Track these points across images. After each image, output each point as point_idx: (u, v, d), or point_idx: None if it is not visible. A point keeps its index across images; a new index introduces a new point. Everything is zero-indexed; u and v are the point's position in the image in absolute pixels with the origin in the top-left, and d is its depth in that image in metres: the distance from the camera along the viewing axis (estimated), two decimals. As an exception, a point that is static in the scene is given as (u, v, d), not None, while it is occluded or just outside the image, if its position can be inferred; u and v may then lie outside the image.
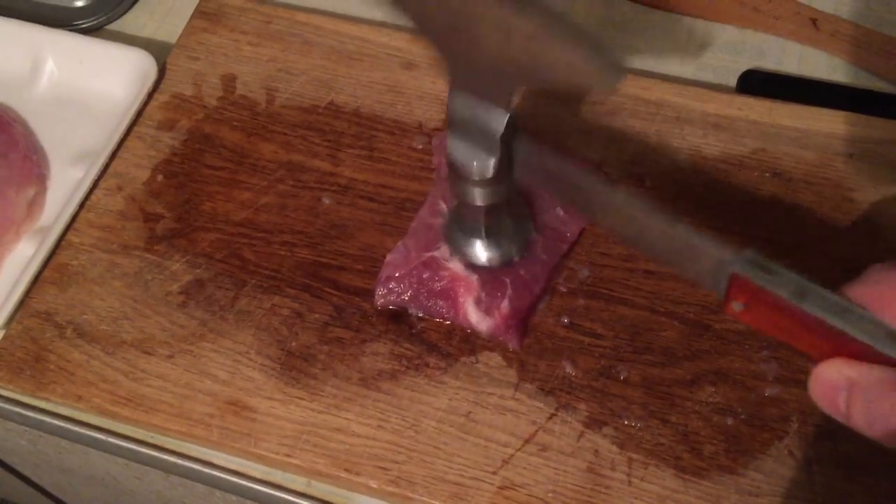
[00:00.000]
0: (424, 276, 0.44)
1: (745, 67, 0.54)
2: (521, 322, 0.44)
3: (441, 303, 0.44)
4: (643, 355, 0.43)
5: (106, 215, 0.49)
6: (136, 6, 0.60)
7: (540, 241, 0.45)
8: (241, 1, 0.57)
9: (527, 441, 0.41)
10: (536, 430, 0.41)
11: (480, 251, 0.44)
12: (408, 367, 0.43)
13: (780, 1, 0.57)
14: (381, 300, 0.45)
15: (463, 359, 0.43)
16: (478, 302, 0.43)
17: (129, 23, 0.60)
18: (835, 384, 0.30)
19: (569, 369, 0.43)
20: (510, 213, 0.43)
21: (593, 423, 0.41)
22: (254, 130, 0.51)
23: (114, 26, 0.60)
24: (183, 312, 0.45)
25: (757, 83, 0.54)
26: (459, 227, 0.44)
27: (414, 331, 0.44)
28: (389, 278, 0.45)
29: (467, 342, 0.44)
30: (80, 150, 0.53)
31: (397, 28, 0.56)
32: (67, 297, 0.46)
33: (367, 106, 0.52)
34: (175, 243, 0.48)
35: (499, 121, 0.36)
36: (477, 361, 0.43)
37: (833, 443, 0.40)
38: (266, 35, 0.55)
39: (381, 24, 0.57)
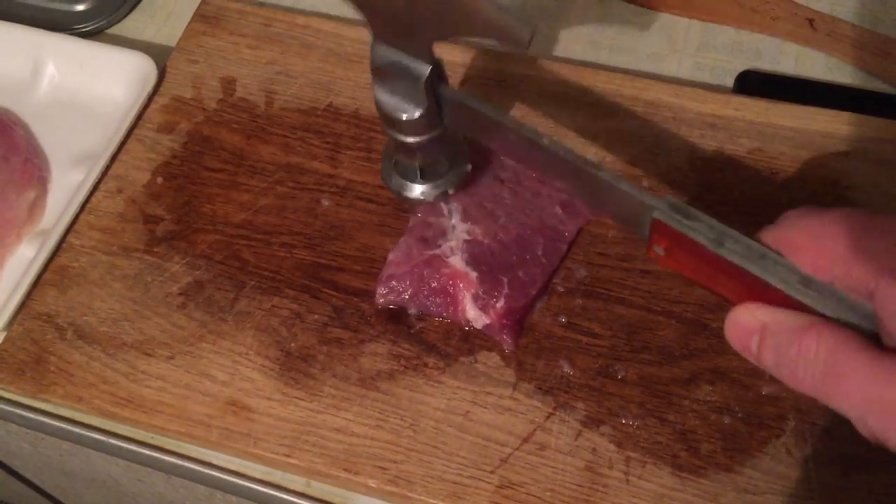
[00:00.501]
0: (425, 273, 0.44)
1: (742, 68, 0.55)
2: (517, 323, 0.44)
3: (440, 300, 0.44)
4: (640, 354, 0.43)
5: (106, 218, 0.49)
6: (136, 10, 0.61)
7: (540, 242, 0.46)
8: (240, 4, 0.57)
9: (525, 440, 0.41)
10: (534, 430, 0.41)
11: (416, 188, 0.44)
12: (406, 368, 0.43)
13: (777, 2, 0.57)
14: (382, 299, 0.45)
15: (461, 359, 0.44)
16: (475, 298, 0.44)
17: (129, 26, 0.60)
18: (748, 327, 0.31)
19: (567, 369, 0.43)
20: (444, 151, 0.43)
21: (591, 422, 0.41)
22: (253, 133, 0.52)
23: (114, 30, 0.60)
24: (183, 314, 0.46)
25: (754, 83, 0.54)
26: (395, 165, 0.44)
27: (412, 331, 0.44)
28: (391, 277, 0.45)
29: (466, 342, 0.44)
30: (81, 153, 0.53)
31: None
32: (68, 298, 0.47)
33: (365, 108, 0.52)
34: (175, 245, 0.48)
35: (422, 70, 0.37)
36: (475, 361, 0.43)
37: (830, 440, 0.40)
38: (265, 38, 0.55)
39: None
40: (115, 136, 0.51)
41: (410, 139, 0.40)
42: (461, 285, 0.44)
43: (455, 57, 0.53)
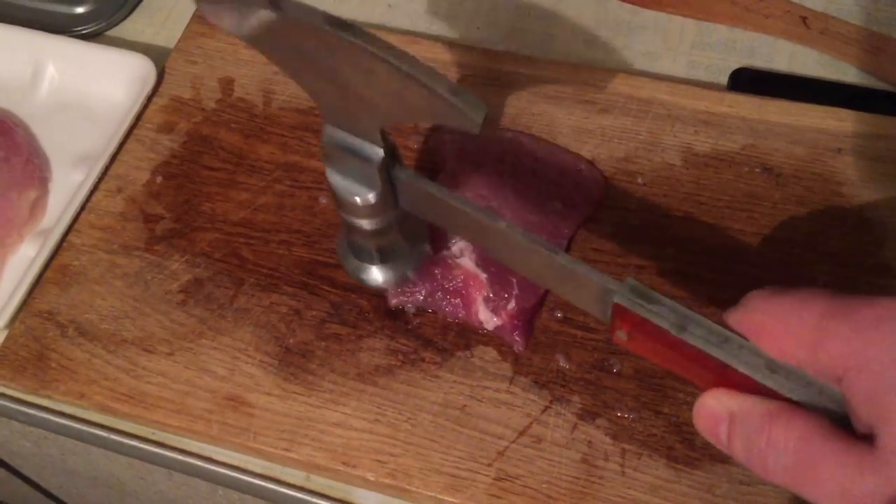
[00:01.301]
0: (437, 274, 0.45)
1: (735, 66, 0.55)
2: (528, 323, 0.44)
3: (455, 301, 0.44)
4: (636, 348, 0.43)
5: (106, 216, 0.50)
6: (136, 12, 0.61)
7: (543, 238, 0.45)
8: (238, 5, 0.58)
9: (521, 433, 0.42)
10: (531, 423, 0.42)
11: (375, 273, 0.44)
12: (404, 362, 0.44)
13: (771, 0, 0.57)
14: (396, 300, 0.45)
15: (458, 353, 0.44)
16: (486, 300, 0.44)
17: (129, 28, 0.61)
18: (716, 415, 0.31)
19: (562, 363, 0.43)
20: (403, 233, 0.42)
21: (587, 415, 0.42)
22: (251, 132, 0.52)
23: (113, 32, 0.61)
24: (183, 311, 0.46)
25: (747, 81, 0.54)
26: (352, 250, 0.44)
27: (410, 326, 0.45)
28: (403, 278, 0.45)
29: (462, 337, 0.44)
30: (81, 154, 0.54)
31: (392, 31, 0.57)
32: (69, 296, 0.47)
33: (362, 107, 0.53)
34: (174, 243, 0.48)
35: (374, 154, 0.36)
36: (472, 356, 0.44)
37: (823, 432, 0.40)
38: (263, 38, 0.56)
39: (378, 27, 0.58)
40: (115, 137, 0.52)
41: (366, 223, 0.39)
42: (473, 287, 0.44)
43: (448, 56, 0.54)
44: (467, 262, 0.45)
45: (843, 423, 0.28)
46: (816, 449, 0.28)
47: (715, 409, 0.31)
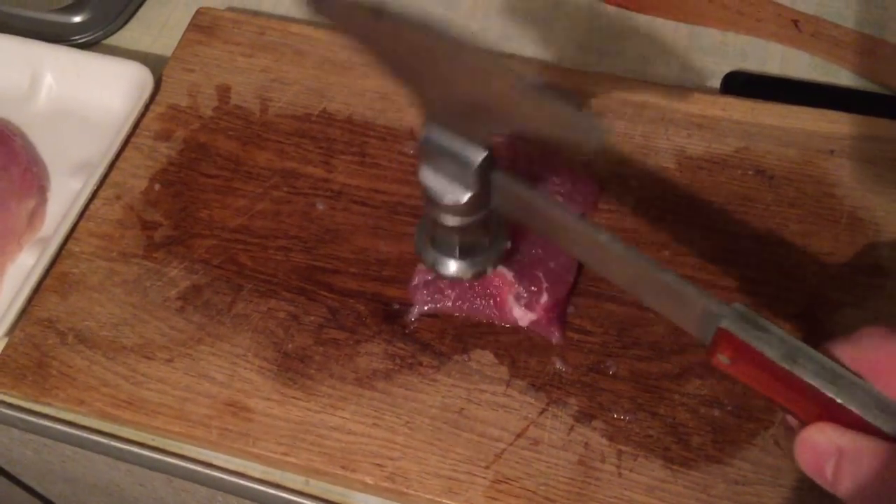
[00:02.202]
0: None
1: (728, 69, 0.56)
2: (562, 314, 0.45)
3: (486, 302, 0.45)
4: (631, 350, 0.44)
5: (105, 224, 0.50)
6: (133, 21, 0.62)
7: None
8: (234, 14, 0.58)
9: (518, 436, 0.42)
10: (528, 425, 0.42)
11: (453, 266, 0.43)
12: (401, 366, 0.44)
13: (762, 3, 0.58)
14: (425, 305, 0.45)
15: (455, 357, 0.44)
16: (518, 297, 0.44)
17: (126, 37, 0.61)
18: (823, 450, 0.29)
19: (559, 365, 0.44)
20: (485, 229, 0.42)
21: (583, 417, 0.42)
22: (248, 139, 0.53)
23: (111, 41, 0.61)
24: (181, 317, 0.46)
25: (740, 84, 0.55)
26: (432, 241, 0.43)
27: (407, 331, 0.45)
28: (428, 283, 0.45)
29: (459, 341, 0.45)
30: (79, 162, 0.54)
31: (387, 37, 0.57)
32: (68, 304, 0.47)
33: (359, 113, 0.53)
34: (173, 250, 0.49)
35: (475, 156, 0.35)
36: (469, 359, 0.44)
37: (818, 431, 0.41)
38: (259, 46, 0.56)
39: (372, 34, 0.58)
40: (113, 145, 0.52)
41: (453, 221, 0.38)
42: (502, 286, 0.44)
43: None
44: None
45: None
46: None
47: (822, 444, 0.30)
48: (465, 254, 0.42)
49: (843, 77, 0.55)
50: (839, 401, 0.29)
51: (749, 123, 0.50)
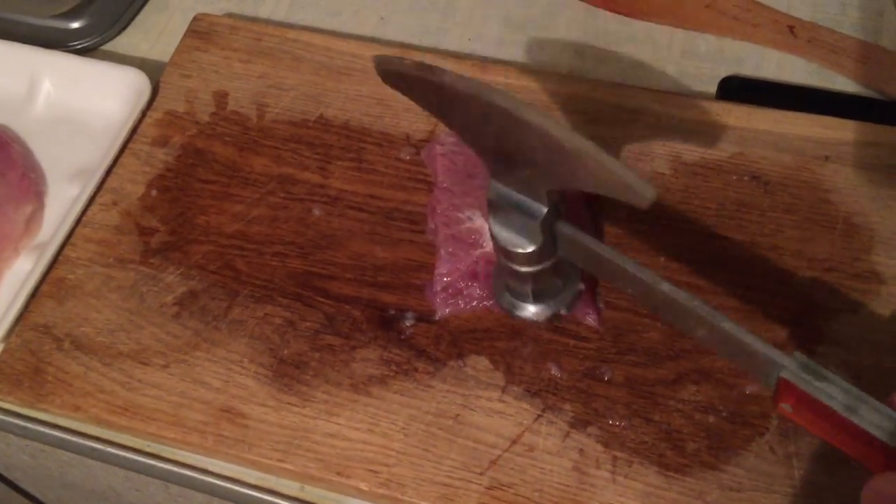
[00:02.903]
0: (481, 270, 0.45)
1: (724, 74, 0.56)
2: (595, 297, 0.45)
3: None
4: (627, 356, 0.44)
5: (102, 230, 0.50)
6: (130, 27, 0.62)
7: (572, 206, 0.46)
8: (231, 20, 0.58)
9: (514, 442, 0.42)
10: (523, 432, 0.42)
11: (529, 310, 0.44)
12: (397, 372, 0.44)
13: (759, 9, 0.58)
14: (447, 308, 0.45)
15: (451, 363, 0.44)
16: None
17: (124, 43, 0.61)
18: (891, 499, 0.29)
19: (554, 371, 0.44)
20: (558, 275, 0.43)
21: (578, 424, 0.42)
22: (245, 145, 0.53)
23: (108, 46, 0.61)
24: (177, 323, 0.47)
25: (736, 89, 0.55)
26: (507, 287, 0.45)
27: (403, 337, 0.45)
28: (447, 286, 0.45)
29: (455, 346, 0.45)
30: (77, 168, 0.54)
31: (385, 44, 0.57)
32: (65, 310, 0.47)
33: (355, 119, 0.53)
34: (169, 256, 0.49)
35: (538, 211, 0.37)
36: (465, 365, 0.44)
37: (813, 438, 0.41)
38: (257, 52, 0.56)
39: (370, 40, 0.58)
40: (110, 151, 0.52)
41: (523, 269, 0.41)
42: None
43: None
44: None
45: None
46: None
47: (891, 493, 0.30)
48: (538, 298, 0.44)
49: (838, 83, 0.55)
50: None
51: (744, 129, 0.50)
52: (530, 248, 0.39)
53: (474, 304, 0.46)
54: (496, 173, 0.38)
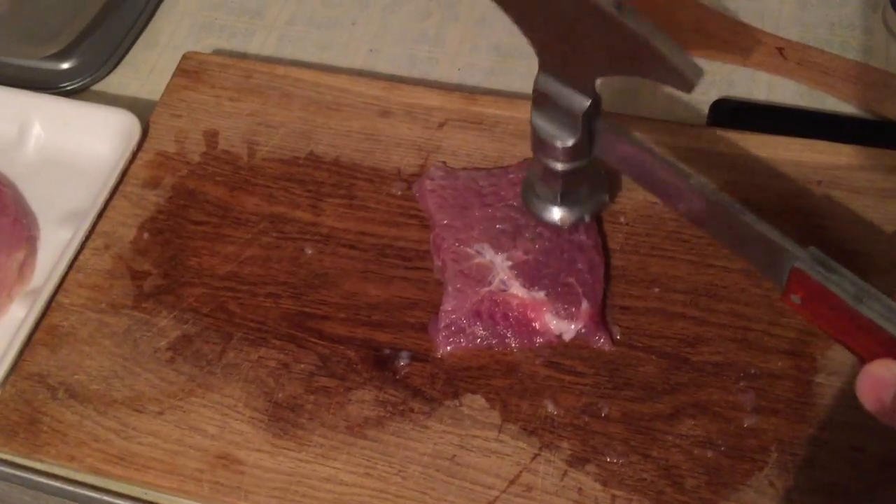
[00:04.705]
0: (488, 310, 0.45)
1: (715, 98, 0.55)
2: (604, 318, 0.45)
3: (520, 328, 0.45)
4: (623, 391, 0.44)
5: (94, 275, 0.50)
6: (120, 66, 0.62)
7: (579, 231, 0.47)
8: (221, 57, 0.58)
9: (511, 482, 0.42)
10: (521, 471, 0.42)
11: (555, 212, 0.45)
12: (393, 413, 0.44)
13: (748, 32, 0.58)
14: (450, 347, 0.45)
15: (446, 402, 0.44)
16: (556, 313, 0.45)
17: (114, 82, 0.61)
18: (884, 381, 0.31)
19: (551, 408, 0.43)
20: (586, 179, 0.44)
21: (576, 462, 0.42)
22: (236, 184, 0.53)
23: (99, 86, 0.61)
24: (172, 368, 0.46)
25: (727, 113, 0.55)
26: (536, 187, 0.45)
27: (398, 376, 0.45)
28: (451, 324, 0.45)
29: (450, 385, 0.45)
30: (69, 211, 0.54)
31: (373, 77, 0.57)
32: (59, 358, 0.47)
33: (346, 155, 0.53)
34: (162, 300, 0.49)
35: (582, 103, 0.38)
36: (460, 404, 0.44)
37: (813, 471, 0.41)
38: (246, 89, 0.56)
39: (358, 74, 0.58)
40: (102, 193, 0.52)
41: (559, 165, 0.41)
42: (534, 308, 0.45)
43: (429, 99, 0.54)
44: (518, 289, 0.45)
45: None
46: None
47: (883, 375, 0.31)
48: (565, 201, 0.45)
49: (829, 103, 0.55)
50: None
51: (736, 155, 0.50)
52: (570, 142, 0.39)
53: (477, 342, 0.45)
54: (545, 63, 0.39)
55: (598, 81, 0.38)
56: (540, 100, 0.40)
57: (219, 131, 0.55)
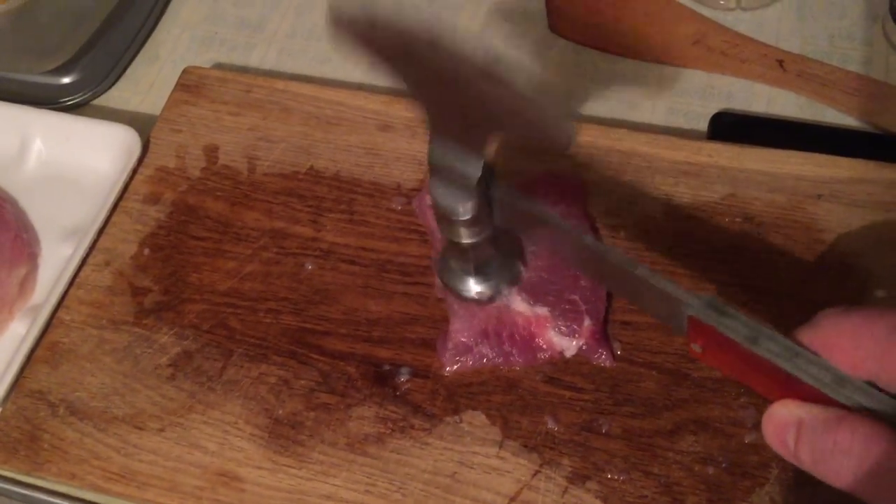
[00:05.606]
0: (495, 329, 0.45)
1: (714, 111, 0.55)
2: (606, 335, 0.45)
3: (524, 346, 0.45)
4: (624, 407, 0.44)
5: (95, 291, 0.50)
6: (121, 80, 0.62)
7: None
8: (221, 72, 0.58)
9: (512, 499, 0.42)
10: (521, 488, 0.42)
11: (471, 286, 0.45)
12: (393, 430, 0.44)
13: (747, 44, 0.58)
14: (456, 365, 0.45)
15: (447, 419, 0.44)
16: (559, 330, 0.45)
17: (115, 97, 0.62)
18: (785, 422, 0.32)
19: (551, 424, 0.43)
20: (498, 249, 0.44)
21: (577, 479, 0.42)
22: (237, 199, 0.53)
23: (100, 101, 0.61)
24: (172, 385, 0.46)
25: (728, 125, 0.55)
26: (449, 263, 0.45)
27: (398, 393, 0.45)
28: (458, 345, 0.45)
29: (451, 401, 0.45)
30: (70, 227, 0.54)
31: (373, 91, 0.57)
32: (59, 375, 0.47)
33: (346, 169, 0.53)
34: (163, 316, 0.49)
35: (475, 166, 0.38)
36: (461, 421, 0.44)
37: (813, 488, 0.40)
38: (246, 104, 0.56)
39: (358, 88, 0.58)
40: (102, 209, 0.52)
41: (464, 240, 0.41)
42: (538, 325, 0.45)
43: (432, 115, 0.54)
44: (521, 305, 0.45)
45: None
46: (882, 451, 0.28)
47: (784, 417, 0.32)
48: (479, 273, 0.45)
49: (829, 116, 0.55)
50: (797, 376, 0.31)
51: (736, 169, 0.50)
52: (468, 214, 0.39)
53: (483, 362, 0.45)
54: (436, 130, 0.39)
55: (490, 147, 0.38)
56: (435, 174, 0.40)
57: (219, 146, 0.55)
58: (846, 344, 0.31)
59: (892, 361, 0.30)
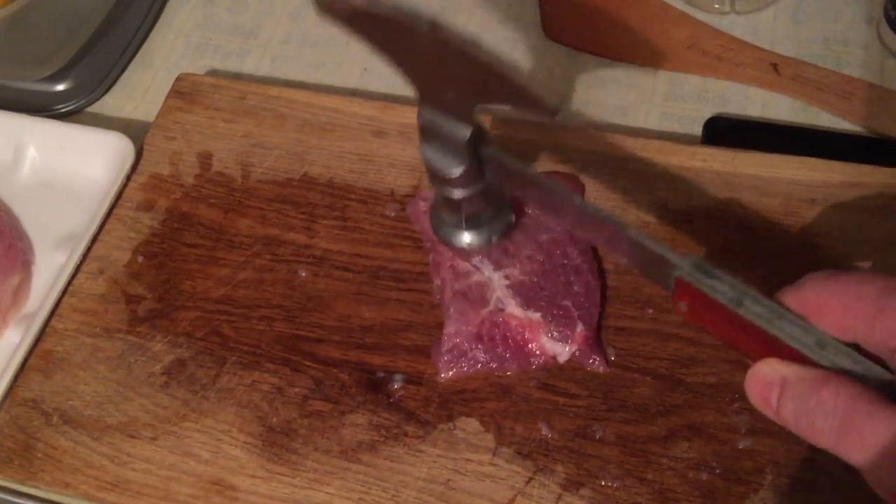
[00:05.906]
0: (489, 333, 0.45)
1: (709, 115, 0.55)
2: (599, 341, 0.45)
3: (518, 351, 0.45)
4: (617, 413, 0.43)
5: (88, 299, 0.50)
6: (115, 87, 0.62)
7: (567, 252, 0.47)
8: (215, 79, 0.58)
9: (506, 507, 0.42)
10: (515, 496, 0.42)
11: (462, 237, 0.45)
12: (386, 437, 0.44)
13: (741, 48, 0.58)
14: (451, 372, 0.45)
15: (440, 426, 0.44)
16: (551, 336, 0.45)
17: (109, 104, 0.62)
18: (769, 380, 0.32)
19: (545, 431, 0.43)
20: (488, 203, 0.44)
21: (571, 485, 0.42)
22: (230, 206, 0.53)
23: (94, 108, 0.61)
24: (166, 393, 0.46)
25: (722, 129, 0.55)
26: (441, 215, 0.45)
27: (391, 400, 0.45)
28: (453, 348, 0.45)
29: (444, 408, 0.44)
30: (63, 234, 0.54)
31: (367, 97, 0.57)
32: (53, 383, 0.47)
33: (339, 176, 0.53)
34: (156, 324, 0.49)
35: (464, 132, 0.39)
36: (455, 428, 0.44)
37: (808, 493, 0.40)
38: (240, 111, 0.56)
39: (352, 94, 0.58)
40: (96, 217, 0.52)
41: (455, 193, 0.41)
42: (531, 330, 0.45)
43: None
44: (515, 309, 0.45)
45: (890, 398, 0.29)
46: (863, 410, 0.29)
47: (768, 376, 0.32)
48: (471, 226, 0.44)
49: (824, 119, 0.55)
50: (780, 337, 0.31)
51: (730, 173, 0.50)
52: (458, 171, 0.39)
53: (478, 367, 0.45)
54: (423, 95, 0.39)
55: (478, 109, 0.38)
56: (425, 131, 0.40)
57: (213, 153, 0.55)
58: (835, 305, 0.31)
59: (883, 323, 0.30)
